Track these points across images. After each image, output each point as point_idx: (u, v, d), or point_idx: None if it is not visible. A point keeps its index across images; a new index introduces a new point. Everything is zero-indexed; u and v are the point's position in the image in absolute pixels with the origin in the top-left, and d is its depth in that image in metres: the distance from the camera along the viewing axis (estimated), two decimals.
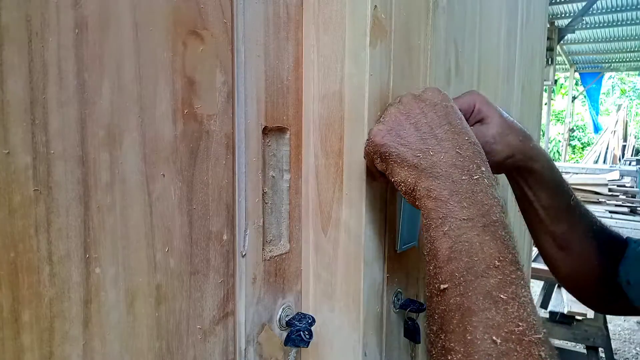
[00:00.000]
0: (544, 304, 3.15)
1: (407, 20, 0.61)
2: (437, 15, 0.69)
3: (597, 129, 13.56)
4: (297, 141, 0.58)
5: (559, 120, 17.19)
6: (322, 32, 0.57)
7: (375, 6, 0.55)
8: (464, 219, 0.45)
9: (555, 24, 7.48)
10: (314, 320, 0.57)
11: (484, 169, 0.48)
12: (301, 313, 0.58)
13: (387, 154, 0.50)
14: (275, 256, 0.56)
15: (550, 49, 6.95)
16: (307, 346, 0.56)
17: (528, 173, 0.66)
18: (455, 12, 0.75)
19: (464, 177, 0.47)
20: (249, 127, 0.51)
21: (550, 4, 6.97)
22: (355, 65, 0.55)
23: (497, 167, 0.65)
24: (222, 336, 0.50)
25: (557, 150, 14.62)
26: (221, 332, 0.50)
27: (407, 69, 0.62)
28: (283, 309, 0.57)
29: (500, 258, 0.43)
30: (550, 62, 7.13)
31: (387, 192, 0.61)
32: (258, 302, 0.54)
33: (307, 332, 0.55)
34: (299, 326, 0.55)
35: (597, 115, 12.80)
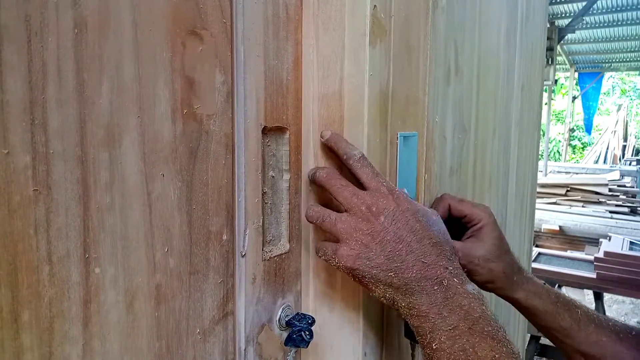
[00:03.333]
0: None
1: (406, 20, 0.61)
2: (436, 15, 0.69)
3: (589, 131, 13.56)
4: (296, 141, 0.58)
5: (559, 120, 17.19)
6: (322, 31, 0.57)
7: (375, 6, 0.55)
8: (449, 329, 0.47)
9: (555, 23, 7.47)
10: (314, 320, 0.57)
11: (451, 268, 0.50)
12: (301, 313, 0.58)
13: (360, 277, 0.50)
14: (275, 256, 0.56)
15: (550, 49, 6.94)
16: (307, 346, 0.56)
17: (511, 301, 0.67)
18: (454, 12, 0.75)
19: (435, 287, 0.49)
20: (248, 127, 0.51)
21: (550, 3, 6.97)
22: (355, 65, 0.55)
23: (479, 286, 0.65)
24: (222, 336, 0.50)
25: (558, 150, 14.62)
26: (221, 332, 0.50)
27: (406, 68, 0.62)
28: (283, 309, 0.57)
29: (496, 356, 0.46)
30: (550, 62, 7.13)
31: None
32: (258, 302, 0.54)
33: (307, 332, 0.55)
34: (299, 326, 0.55)
35: (591, 117, 12.77)
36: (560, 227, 5.47)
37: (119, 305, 0.40)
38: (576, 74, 12.15)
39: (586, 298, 3.08)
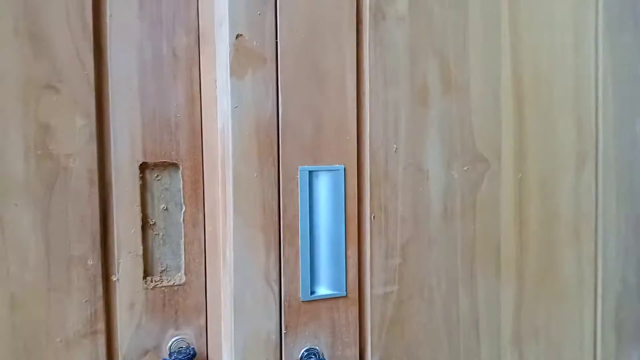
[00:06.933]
0: None
1: (310, 41, 0.55)
2: (385, 27, 0.58)
3: None
4: (194, 176, 0.59)
5: None
6: (207, 70, 0.57)
7: (239, 35, 0.52)
8: None
9: None
10: (193, 355, 0.56)
11: None
12: (188, 348, 0.58)
13: None
14: (164, 286, 0.58)
15: None
16: None
17: None
18: (435, 19, 0.61)
19: None
20: (120, 163, 0.56)
21: None
22: (225, 99, 0.53)
23: None
24: (89, 349, 0.55)
25: None
26: (88, 345, 0.55)
27: (316, 94, 0.55)
28: (176, 340, 0.59)
29: None
30: None
31: (282, 232, 0.55)
32: (138, 327, 0.57)
33: None
34: (174, 357, 0.55)
35: None
36: None
37: None
38: None
39: None
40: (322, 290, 0.57)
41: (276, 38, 0.54)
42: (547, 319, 0.70)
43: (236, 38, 0.52)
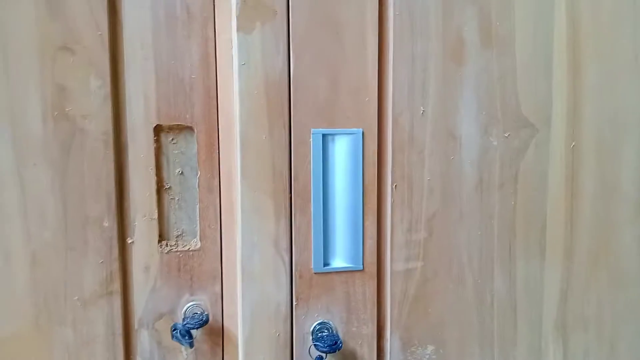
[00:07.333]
0: None
1: None
2: None
3: None
4: (209, 139, 0.57)
5: None
6: (228, 27, 0.54)
7: None
8: None
9: None
10: (206, 321, 0.55)
11: None
12: (202, 314, 0.57)
13: None
14: (179, 251, 0.57)
15: None
16: (192, 347, 0.55)
17: None
18: None
19: None
20: (134, 125, 0.55)
21: None
22: (235, 56, 0.51)
23: None
24: (106, 310, 0.56)
25: None
26: (105, 305, 0.56)
27: (330, 49, 0.51)
28: (191, 306, 0.58)
29: None
30: None
31: (293, 198, 0.52)
32: (153, 291, 0.57)
33: (185, 333, 0.54)
34: (177, 326, 0.55)
35: None
36: None
37: None
38: None
39: None
40: (337, 262, 0.53)
41: None
42: (599, 306, 0.61)
43: None
